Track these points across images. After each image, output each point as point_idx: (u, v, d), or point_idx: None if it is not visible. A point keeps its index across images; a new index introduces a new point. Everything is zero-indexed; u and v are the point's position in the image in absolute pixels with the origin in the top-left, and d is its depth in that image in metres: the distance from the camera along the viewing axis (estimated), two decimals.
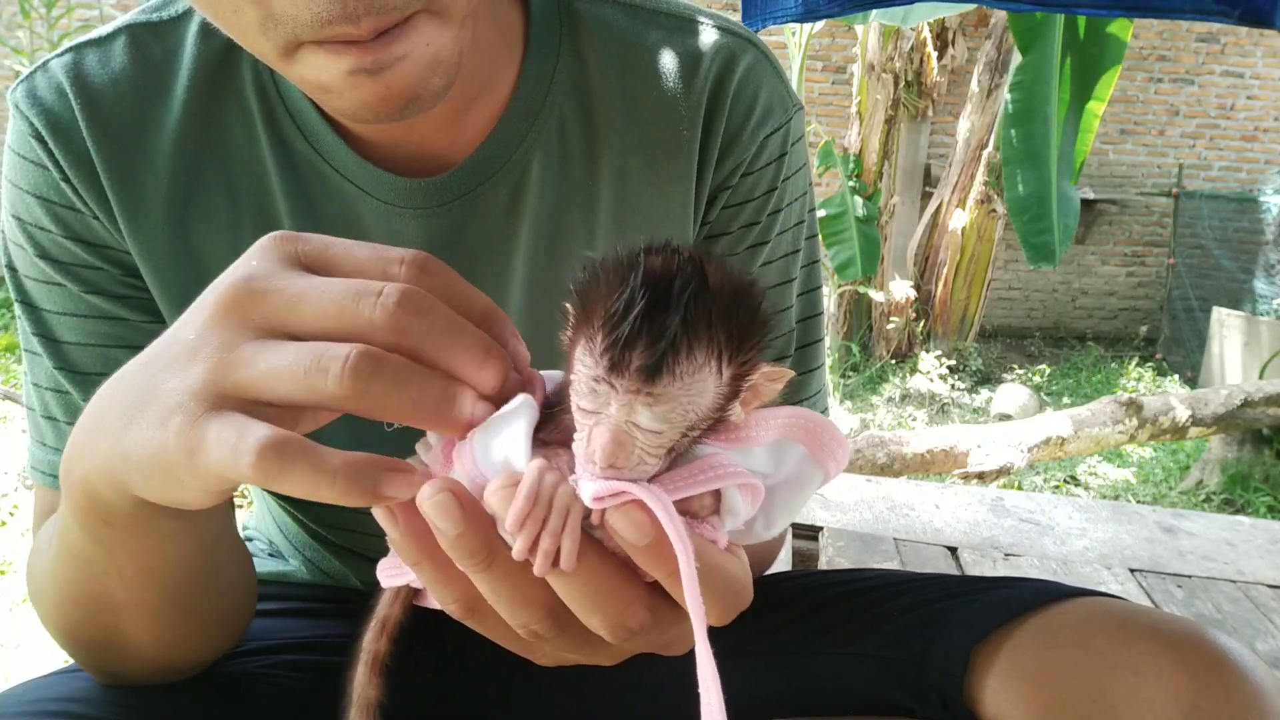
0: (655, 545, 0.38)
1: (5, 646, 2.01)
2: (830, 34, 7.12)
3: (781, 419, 0.42)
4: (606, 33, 0.71)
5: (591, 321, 0.38)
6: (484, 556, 0.38)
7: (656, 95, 0.71)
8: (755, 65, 0.73)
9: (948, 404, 5.77)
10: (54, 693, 0.62)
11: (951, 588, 0.76)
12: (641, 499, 0.37)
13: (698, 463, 0.40)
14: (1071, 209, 3.80)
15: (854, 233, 5.99)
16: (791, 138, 0.76)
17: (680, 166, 0.72)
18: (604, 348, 0.37)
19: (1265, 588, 2.07)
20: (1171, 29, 7.32)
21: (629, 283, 0.37)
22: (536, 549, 0.37)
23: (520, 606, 0.40)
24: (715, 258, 0.40)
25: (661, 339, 0.36)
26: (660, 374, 0.36)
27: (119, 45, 0.67)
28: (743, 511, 0.41)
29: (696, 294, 0.37)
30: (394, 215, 0.68)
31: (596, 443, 0.37)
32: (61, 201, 0.66)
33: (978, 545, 2.20)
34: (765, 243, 0.76)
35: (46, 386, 0.68)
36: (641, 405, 0.37)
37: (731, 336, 0.38)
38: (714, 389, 0.38)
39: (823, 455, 0.43)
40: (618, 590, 0.40)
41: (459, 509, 0.38)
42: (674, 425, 0.38)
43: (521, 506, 0.37)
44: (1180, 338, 6.99)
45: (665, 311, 0.36)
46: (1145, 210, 7.65)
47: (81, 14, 5.81)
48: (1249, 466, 4.20)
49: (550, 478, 0.38)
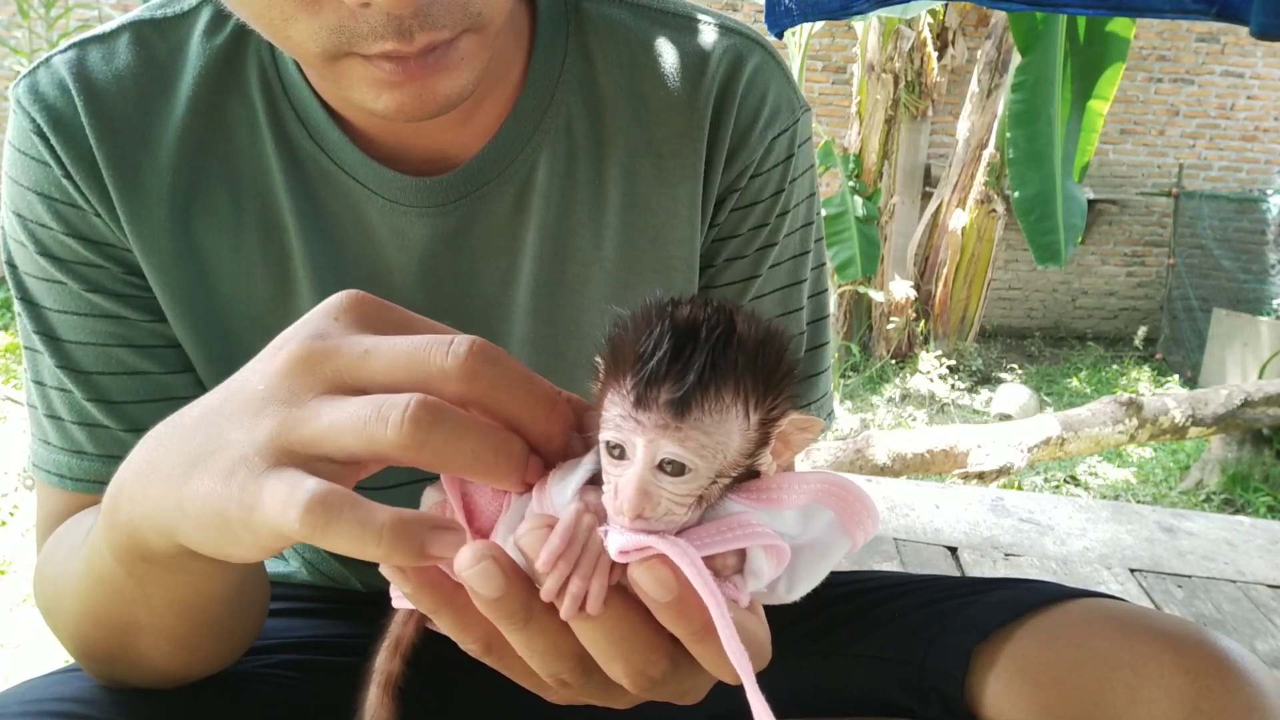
0: (678, 602, 0.37)
1: (5, 646, 2.01)
2: (830, 34, 7.12)
3: (814, 483, 0.42)
4: (613, 32, 0.71)
5: (620, 366, 0.38)
6: (522, 616, 0.38)
7: (664, 95, 0.71)
8: (763, 66, 0.73)
9: (948, 404, 5.77)
10: (54, 693, 0.62)
11: (952, 588, 0.76)
12: (666, 554, 0.37)
13: (725, 520, 0.40)
14: (1077, 209, 3.81)
15: (854, 233, 5.99)
16: (799, 139, 0.76)
17: (688, 167, 0.71)
18: (632, 384, 0.37)
19: (1265, 588, 2.08)
20: (1171, 29, 7.32)
21: (657, 327, 0.38)
22: (565, 591, 0.37)
23: (552, 658, 0.40)
24: (744, 308, 0.40)
25: (689, 374, 0.36)
26: (688, 409, 0.37)
27: (123, 42, 0.67)
28: (767, 573, 0.40)
29: (724, 337, 0.37)
30: (399, 214, 0.68)
31: (623, 493, 0.37)
32: (63, 198, 0.66)
33: (978, 545, 2.20)
34: (774, 244, 0.76)
35: (50, 385, 0.68)
36: (669, 440, 0.37)
37: (758, 381, 0.38)
38: (740, 433, 0.38)
39: (852, 524, 0.42)
40: (642, 639, 0.39)
41: (501, 575, 0.37)
42: (701, 469, 0.38)
43: (556, 546, 0.37)
44: (1180, 338, 6.99)
45: (692, 351, 0.37)
46: (1145, 210, 7.65)
47: (80, 14, 5.80)
48: (1249, 466, 4.20)
49: (587, 520, 0.38)
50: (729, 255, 0.76)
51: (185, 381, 0.70)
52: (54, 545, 0.66)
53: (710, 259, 0.76)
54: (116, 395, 0.68)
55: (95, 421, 0.67)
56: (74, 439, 0.68)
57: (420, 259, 0.69)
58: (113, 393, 0.67)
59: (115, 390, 0.68)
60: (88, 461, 0.68)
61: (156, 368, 0.69)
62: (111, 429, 0.68)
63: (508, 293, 0.71)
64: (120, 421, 0.68)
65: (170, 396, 0.69)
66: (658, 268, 0.73)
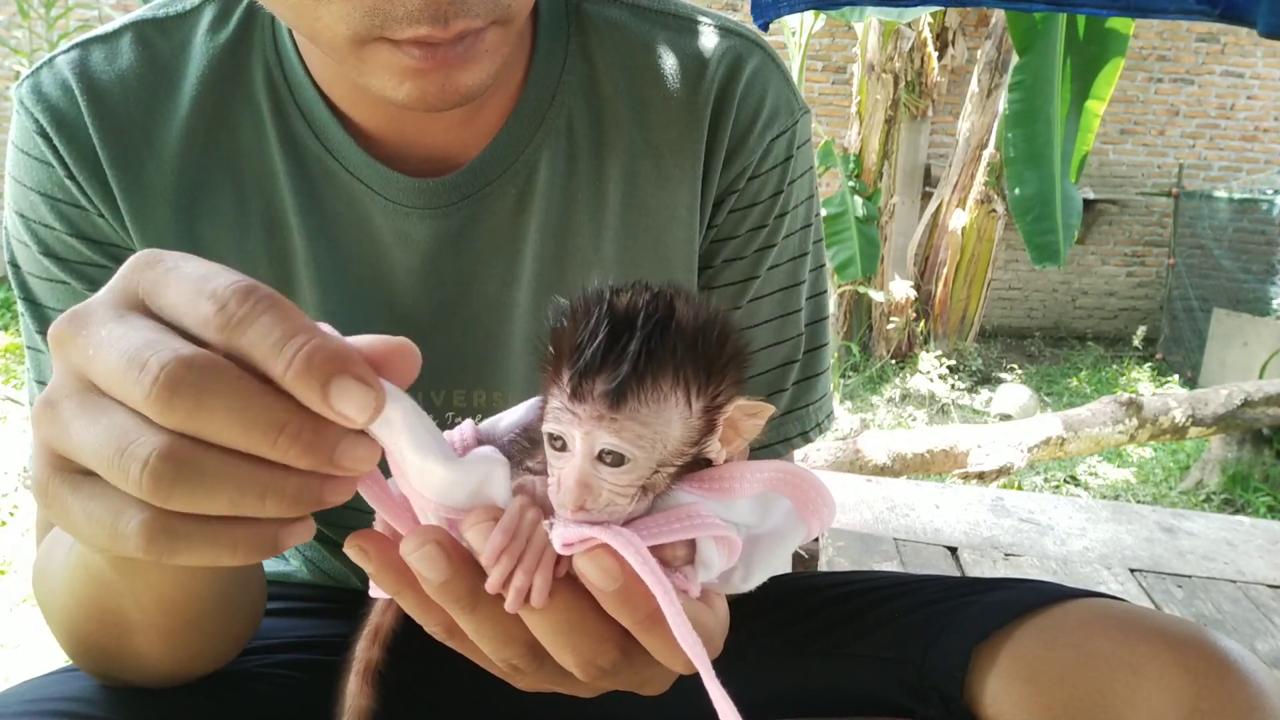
0: (623, 591, 0.38)
1: (5, 646, 2.01)
2: (830, 34, 7.12)
3: (767, 472, 0.42)
4: (614, 34, 0.71)
5: (560, 357, 0.38)
6: (468, 601, 0.38)
7: (663, 96, 0.71)
8: (762, 67, 0.73)
9: (948, 404, 5.77)
10: (54, 693, 0.62)
11: (952, 589, 0.76)
12: (609, 544, 0.37)
13: (673, 511, 0.40)
14: (1074, 209, 3.81)
15: (854, 233, 5.99)
16: (798, 140, 0.76)
17: (687, 168, 0.72)
18: (568, 376, 0.38)
19: (1265, 588, 2.08)
20: (1171, 29, 7.32)
21: (594, 316, 0.38)
22: (509, 584, 0.37)
23: (502, 644, 0.40)
24: (687, 294, 0.40)
25: (623, 364, 0.37)
26: (624, 399, 0.37)
27: (126, 42, 0.67)
28: (717, 564, 0.41)
29: (661, 325, 0.38)
30: (402, 215, 0.68)
31: (564, 486, 0.38)
32: (66, 199, 0.66)
33: (978, 545, 2.20)
34: (772, 246, 0.76)
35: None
36: (605, 431, 0.37)
37: (699, 368, 0.38)
38: (681, 421, 0.39)
39: (808, 511, 0.43)
40: (589, 629, 0.39)
41: (445, 559, 0.37)
42: (641, 459, 0.38)
43: (499, 541, 0.37)
44: (1180, 338, 6.99)
45: (628, 340, 0.37)
46: (1145, 210, 7.65)
47: (80, 14, 5.80)
48: (1249, 466, 4.20)
49: (530, 515, 0.38)
50: (727, 256, 0.76)
51: None
52: (51, 543, 0.66)
53: (709, 260, 0.76)
54: None
55: None
56: None
57: (423, 259, 0.69)
58: None
59: None
60: None
61: None
62: None
63: (509, 293, 0.71)
64: None
65: None
66: (658, 268, 0.73)
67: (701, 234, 0.75)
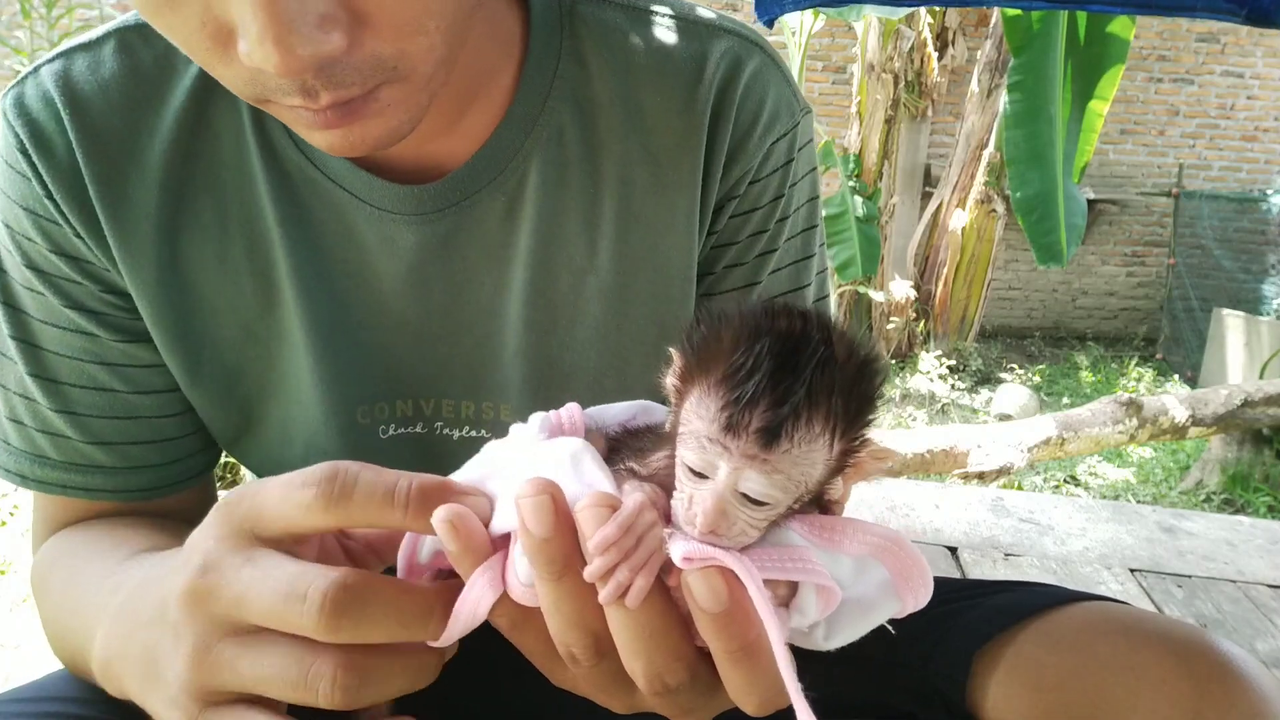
0: (724, 616, 0.37)
1: (5, 646, 2.00)
2: (830, 34, 7.12)
3: (875, 536, 0.40)
4: (609, 36, 0.70)
5: (709, 376, 0.37)
6: (560, 567, 0.38)
7: (659, 102, 0.69)
8: (761, 68, 0.71)
9: (948, 404, 5.77)
10: (54, 693, 0.62)
11: (953, 592, 0.76)
12: (732, 568, 0.36)
13: (786, 549, 0.39)
14: (1079, 209, 3.80)
15: (854, 233, 5.99)
16: (799, 142, 0.74)
17: (685, 175, 0.70)
18: (722, 405, 0.36)
19: (1265, 588, 2.08)
20: (1171, 29, 7.32)
21: (756, 342, 0.36)
22: (610, 577, 0.37)
23: (572, 626, 0.40)
24: (840, 327, 0.39)
25: (785, 404, 0.35)
26: (779, 440, 0.35)
27: (108, 50, 0.66)
28: (811, 613, 0.40)
29: (824, 363, 0.36)
30: (387, 221, 0.67)
31: (699, 507, 0.36)
32: (45, 214, 0.65)
33: (978, 545, 2.20)
34: (774, 250, 0.75)
35: (14, 391, 0.69)
36: (754, 471, 0.36)
37: (849, 410, 0.37)
38: (824, 462, 0.37)
39: (905, 588, 0.41)
40: (669, 643, 0.39)
41: (553, 517, 0.37)
42: (781, 497, 0.37)
43: (611, 533, 0.36)
44: (1180, 338, 6.99)
45: (791, 377, 0.35)
46: (1145, 210, 7.65)
47: (82, 14, 5.79)
48: (1249, 466, 4.20)
49: (648, 517, 0.37)
50: (728, 262, 0.75)
51: (153, 403, 0.70)
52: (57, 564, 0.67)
53: (709, 266, 0.75)
54: (83, 409, 0.68)
55: (58, 431, 0.68)
56: (36, 444, 0.69)
57: (410, 267, 0.68)
58: (80, 405, 0.68)
59: (83, 404, 0.68)
60: (49, 468, 0.69)
61: (125, 387, 0.69)
62: (73, 440, 0.68)
63: (500, 301, 0.70)
64: (83, 434, 0.68)
65: (135, 416, 0.69)
66: (654, 277, 0.72)
67: (701, 241, 0.73)
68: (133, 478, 0.70)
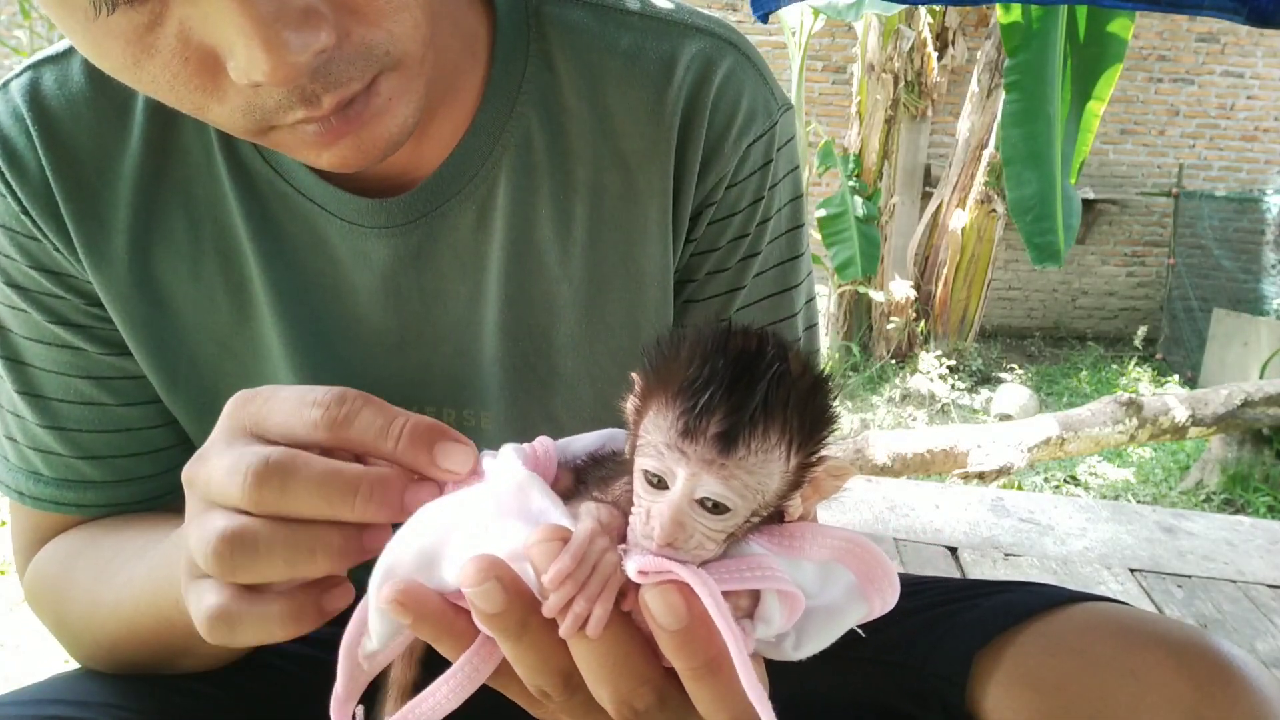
0: (684, 633, 0.37)
1: (5, 647, 2.01)
2: (830, 34, 7.12)
3: (838, 540, 0.40)
4: (576, 38, 0.67)
5: (667, 389, 0.37)
6: (516, 632, 0.38)
7: (628, 106, 0.67)
8: (735, 70, 0.69)
9: (948, 404, 5.77)
10: (54, 693, 0.63)
11: (953, 592, 0.75)
12: (687, 582, 0.36)
13: (745, 559, 0.39)
14: (1074, 209, 3.79)
15: (854, 233, 5.99)
16: (778, 142, 0.72)
17: (655, 181, 0.68)
18: (680, 412, 0.36)
19: (1265, 588, 2.08)
20: (1171, 29, 7.32)
21: (714, 355, 0.37)
22: (568, 610, 0.37)
23: (540, 671, 0.40)
24: (795, 347, 0.40)
25: (742, 410, 0.36)
26: (736, 445, 0.36)
27: (76, 64, 0.64)
28: (776, 622, 0.39)
29: (780, 376, 0.37)
30: (359, 234, 0.66)
31: (656, 520, 0.37)
32: (22, 231, 0.65)
33: (978, 545, 2.20)
34: (757, 253, 0.74)
35: (6, 408, 0.69)
36: (712, 477, 0.36)
37: (804, 424, 0.37)
38: (780, 475, 0.38)
39: (871, 590, 0.41)
40: (633, 667, 0.39)
41: (502, 594, 0.37)
42: (740, 508, 0.37)
43: (565, 565, 0.36)
44: (1180, 338, 6.99)
45: (748, 387, 0.36)
46: (1145, 210, 7.65)
47: None
48: (1249, 466, 4.20)
49: (600, 543, 0.37)
50: (710, 269, 0.73)
51: (141, 414, 0.70)
52: (81, 555, 0.67)
53: (691, 274, 0.73)
54: (72, 424, 0.68)
55: (48, 448, 0.68)
56: (30, 461, 0.69)
57: (384, 278, 0.68)
58: (69, 421, 0.68)
59: (72, 419, 0.68)
60: (42, 484, 0.69)
61: (113, 400, 0.69)
62: (64, 455, 0.68)
63: (476, 311, 0.69)
64: (73, 449, 0.68)
65: (125, 428, 0.69)
66: (628, 285, 0.70)
67: (678, 249, 0.72)
68: (124, 490, 0.70)
